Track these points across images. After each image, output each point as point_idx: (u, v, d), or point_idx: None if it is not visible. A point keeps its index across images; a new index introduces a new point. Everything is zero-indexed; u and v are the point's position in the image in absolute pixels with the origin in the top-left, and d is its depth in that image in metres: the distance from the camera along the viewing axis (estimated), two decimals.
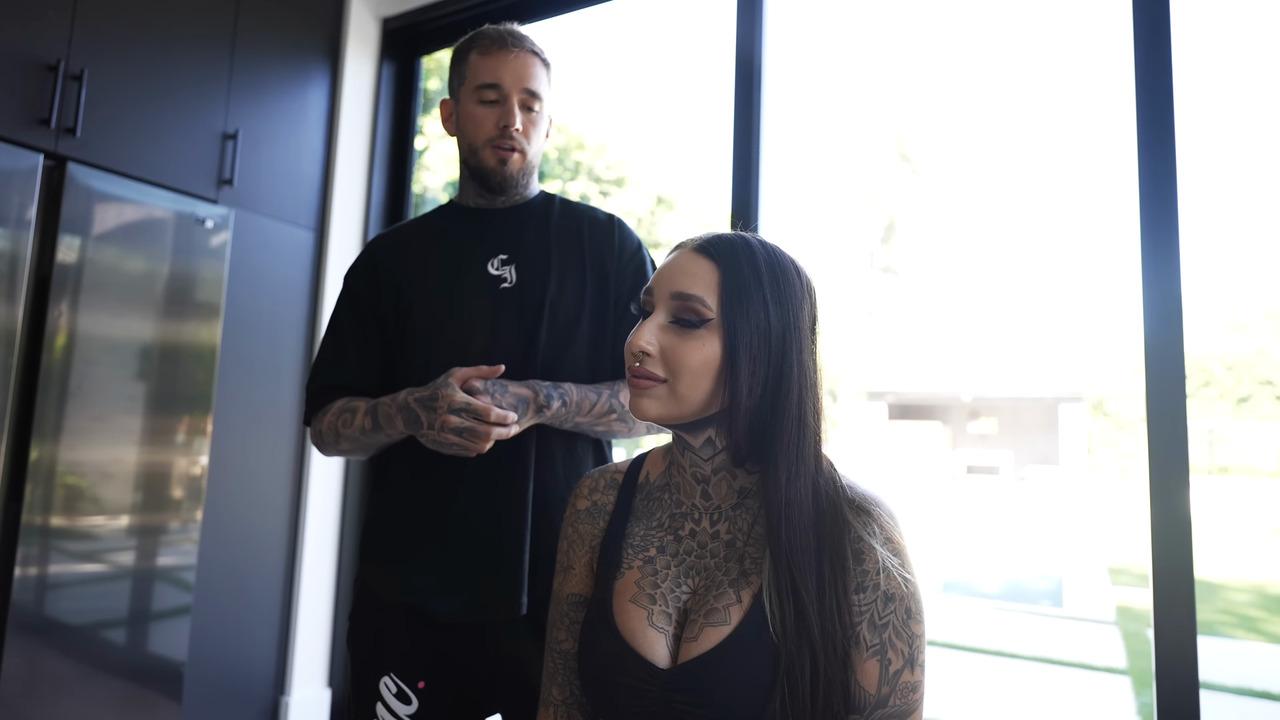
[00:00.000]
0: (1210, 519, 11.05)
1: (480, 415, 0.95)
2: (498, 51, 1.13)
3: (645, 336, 0.75)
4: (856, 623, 0.70)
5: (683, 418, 0.75)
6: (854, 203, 20.47)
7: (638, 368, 0.75)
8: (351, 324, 1.16)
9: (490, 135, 1.13)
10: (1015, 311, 19.15)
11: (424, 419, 0.98)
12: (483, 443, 0.96)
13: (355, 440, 1.08)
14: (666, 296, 0.76)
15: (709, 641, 0.70)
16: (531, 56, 1.15)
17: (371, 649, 1.07)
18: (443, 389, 0.97)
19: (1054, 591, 6.68)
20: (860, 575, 0.71)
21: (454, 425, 0.95)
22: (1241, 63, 14.49)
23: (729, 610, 0.72)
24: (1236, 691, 4.20)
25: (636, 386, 0.76)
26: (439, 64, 7.24)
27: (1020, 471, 16.59)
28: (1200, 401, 15.04)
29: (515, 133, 1.12)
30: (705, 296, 0.74)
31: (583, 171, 8.84)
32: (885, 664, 0.69)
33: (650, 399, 0.75)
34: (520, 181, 1.16)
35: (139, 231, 1.99)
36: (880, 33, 18.57)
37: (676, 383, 0.74)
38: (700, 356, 0.73)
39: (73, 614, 1.83)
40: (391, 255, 1.17)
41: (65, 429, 1.82)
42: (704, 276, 0.75)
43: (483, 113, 1.14)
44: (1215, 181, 14.99)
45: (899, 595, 0.70)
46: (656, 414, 0.75)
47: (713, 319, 0.74)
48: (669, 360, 0.74)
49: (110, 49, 1.96)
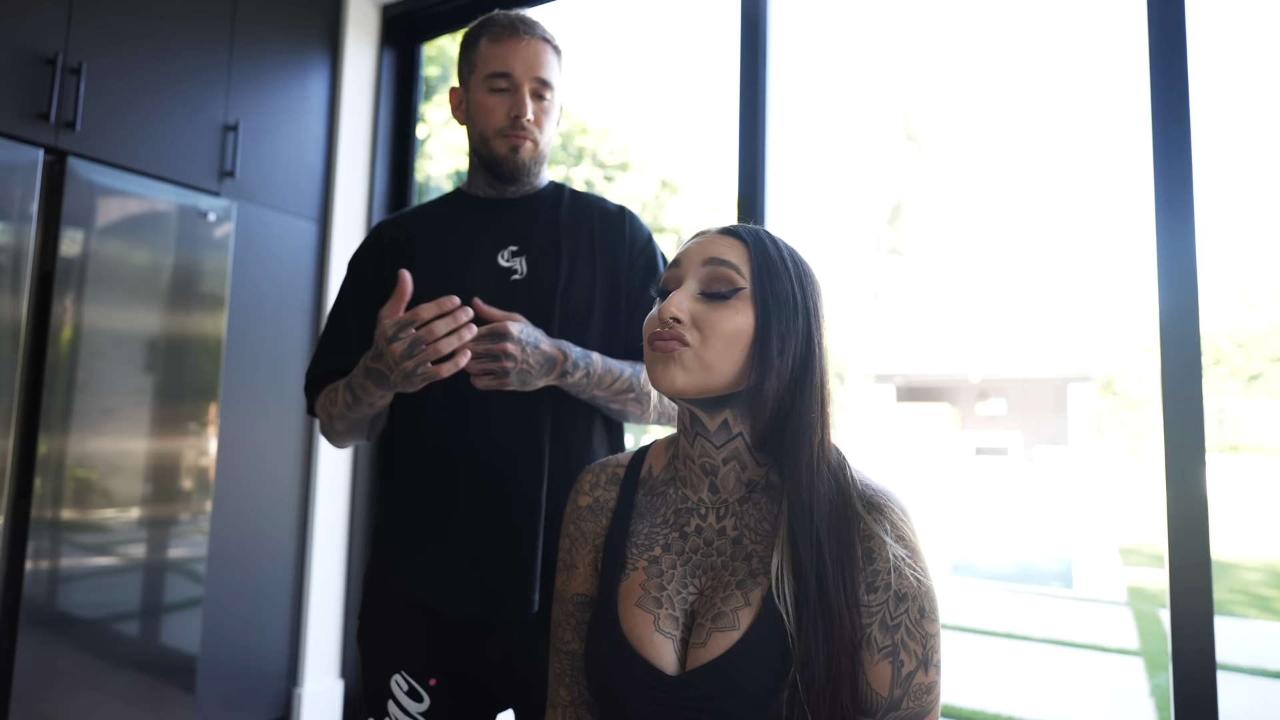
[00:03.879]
0: (1222, 498, 11.01)
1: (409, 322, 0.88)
2: (509, 39, 1.11)
3: (677, 302, 0.72)
4: (868, 624, 0.68)
5: (707, 390, 0.72)
6: (860, 184, 20.32)
7: (665, 331, 0.72)
8: (355, 310, 1.14)
9: (501, 125, 1.11)
10: (1023, 292, 19.02)
11: (380, 367, 0.93)
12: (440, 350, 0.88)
13: (345, 419, 1.06)
14: (698, 264, 0.74)
15: (718, 648, 0.69)
16: (543, 44, 1.12)
17: (382, 646, 1.06)
18: (376, 330, 0.93)
19: (1064, 573, 6.67)
20: (871, 575, 0.69)
21: (399, 351, 0.89)
22: (1257, 37, 14.26)
23: (737, 614, 0.70)
24: (1250, 672, 4.19)
25: (663, 349, 0.71)
26: (440, 50, 7.19)
27: (1029, 452, 16.54)
28: (1211, 379, 14.94)
29: (527, 122, 1.10)
30: (739, 264, 0.73)
31: (587, 156, 8.79)
32: (898, 665, 0.67)
33: (677, 366, 0.71)
34: (531, 171, 1.15)
35: (142, 225, 1.98)
36: (885, 12, 18.35)
37: (705, 349, 0.71)
38: (734, 324, 0.71)
39: (85, 607, 1.84)
40: (398, 243, 1.15)
41: (73, 423, 1.82)
42: (735, 249, 0.74)
43: (493, 102, 1.11)
44: (1227, 158, 14.81)
45: (911, 594, 0.68)
46: (683, 383, 0.71)
47: (745, 289, 0.72)
48: (701, 326, 0.72)
49: (108, 41, 1.94)
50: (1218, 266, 15.26)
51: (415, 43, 2.77)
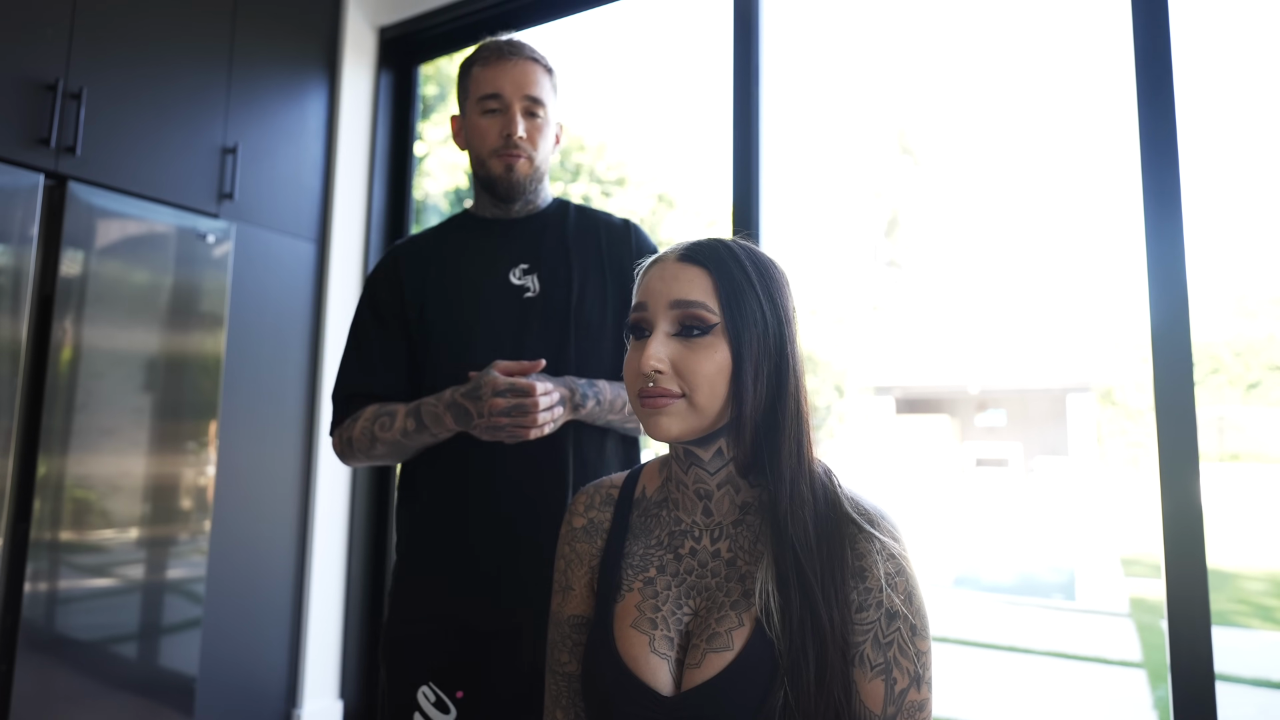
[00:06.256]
0: (1222, 507, 10.98)
1: (525, 392, 0.97)
2: (497, 62, 1.15)
3: (654, 353, 0.71)
4: (860, 641, 0.68)
5: (700, 431, 0.73)
6: (857, 197, 20.40)
7: (651, 388, 0.71)
8: (376, 331, 1.17)
9: (495, 145, 1.15)
10: (1020, 302, 19.05)
11: (472, 409, 1.00)
12: (532, 420, 0.97)
13: (393, 444, 1.09)
14: (664, 307, 0.73)
15: (712, 668, 0.69)
16: (531, 63, 1.16)
17: (409, 659, 1.08)
18: (485, 376, 0.99)
19: (1067, 584, 6.64)
20: (863, 593, 0.69)
21: (501, 406, 0.97)
22: (1247, 47, 14.40)
23: (731, 635, 0.70)
24: (1252, 682, 4.16)
25: (652, 406, 0.72)
26: (438, 69, 7.25)
27: (1030, 463, 16.51)
28: (1210, 388, 14.94)
29: (519, 140, 1.13)
30: (706, 301, 0.72)
31: (584, 173, 8.84)
32: (891, 683, 0.68)
33: (669, 416, 0.71)
34: (529, 188, 1.18)
35: (141, 246, 1.99)
36: (879, 26, 18.52)
37: (695, 395, 0.71)
38: (714, 364, 0.71)
39: (83, 629, 1.84)
40: (414, 265, 1.18)
41: (72, 443, 1.83)
42: (699, 282, 0.73)
43: (486, 123, 1.15)
44: (1223, 168, 14.90)
45: (902, 613, 0.68)
46: (679, 431, 0.72)
47: (717, 324, 0.72)
48: (683, 373, 0.71)
49: (109, 67, 1.97)
50: (1216, 275, 15.31)
51: (412, 65, 2.80)
